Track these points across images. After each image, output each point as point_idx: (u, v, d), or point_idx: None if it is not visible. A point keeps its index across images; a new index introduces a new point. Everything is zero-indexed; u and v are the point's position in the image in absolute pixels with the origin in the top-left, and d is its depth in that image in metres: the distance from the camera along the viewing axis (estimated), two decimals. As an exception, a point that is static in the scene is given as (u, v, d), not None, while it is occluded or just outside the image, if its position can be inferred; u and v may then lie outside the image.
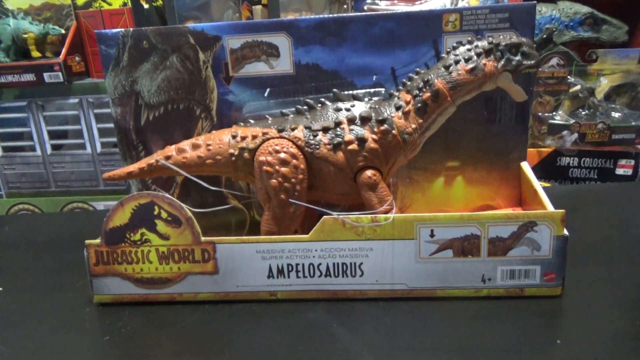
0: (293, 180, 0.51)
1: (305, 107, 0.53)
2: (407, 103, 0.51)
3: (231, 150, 0.53)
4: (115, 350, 0.46)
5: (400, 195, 0.63)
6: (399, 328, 0.47)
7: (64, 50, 1.32)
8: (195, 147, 0.54)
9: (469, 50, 0.51)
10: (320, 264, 0.50)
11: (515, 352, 0.43)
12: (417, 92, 0.51)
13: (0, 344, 0.48)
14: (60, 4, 1.39)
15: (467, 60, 0.50)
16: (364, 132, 0.50)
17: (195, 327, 0.49)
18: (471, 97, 0.52)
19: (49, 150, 1.38)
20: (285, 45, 0.58)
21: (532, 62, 0.50)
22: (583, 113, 1.29)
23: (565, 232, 0.48)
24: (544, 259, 0.48)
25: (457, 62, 0.51)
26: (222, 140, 0.53)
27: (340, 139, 0.51)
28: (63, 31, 1.35)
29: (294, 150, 0.51)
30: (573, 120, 1.26)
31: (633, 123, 1.16)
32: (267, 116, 0.54)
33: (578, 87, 1.19)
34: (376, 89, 0.58)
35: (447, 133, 0.60)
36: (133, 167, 0.55)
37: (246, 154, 0.52)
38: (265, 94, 0.59)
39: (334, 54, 0.58)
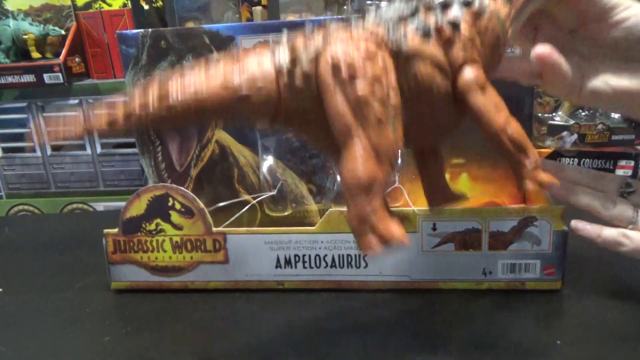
0: (386, 84, 0.33)
1: (356, 15, 0.37)
2: None
3: (280, 66, 0.33)
4: (116, 350, 0.46)
5: (406, 191, 0.63)
6: (398, 320, 0.47)
7: (64, 51, 1.32)
8: (212, 73, 0.33)
9: None
10: (326, 255, 0.51)
11: (516, 348, 0.43)
12: None
13: (0, 344, 0.48)
14: (60, 5, 1.39)
15: None
16: (454, 15, 0.36)
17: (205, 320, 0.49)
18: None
19: (48, 151, 1.38)
20: None
21: None
22: (583, 114, 1.29)
23: (566, 227, 0.48)
24: (544, 253, 0.49)
25: None
26: (260, 55, 0.34)
27: (429, 26, 0.36)
28: (63, 32, 1.36)
29: (376, 45, 0.34)
30: (573, 121, 1.26)
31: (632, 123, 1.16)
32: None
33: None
34: None
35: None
36: (98, 121, 0.33)
37: (306, 66, 0.33)
38: None
39: None
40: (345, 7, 1.29)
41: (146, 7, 1.31)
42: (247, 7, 1.34)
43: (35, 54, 1.34)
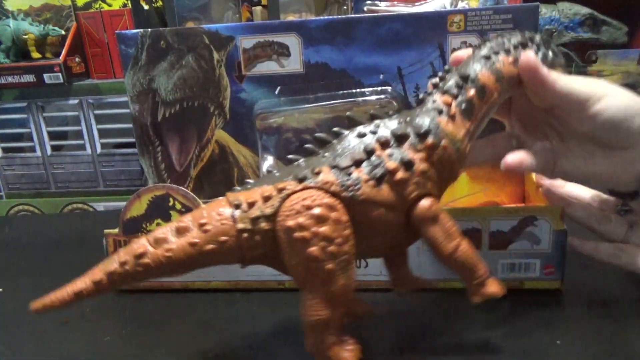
0: (338, 240, 0.36)
1: (314, 146, 0.40)
2: (448, 105, 0.41)
3: (240, 225, 0.37)
4: (116, 350, 0.46)
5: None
6: (397, 321, 0.47)
7: (64, 52, 1.32)
8: (182, 231, 0.37)
9: (504, 43, 0.43)
10: None
11: (516, 348, 0.43)
12: (457, 90, 0.42)
13: (0, 344, 0.48)
14: (60, 5, 1.40)
15: (507, 52, 0.43)
16: (407, 153, 0.39)
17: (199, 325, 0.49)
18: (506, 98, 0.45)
19: (49, 151, 1.38)
20: (295, 45, 0.59)
21: (562, 60, 0.46)
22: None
23: (565, 226, 0.48)
24: (544, 252, 0.49)
25: (496, 53, 0.43)
26: (221, 214, 0.38)
27: (382, 170, 0.38)
28: (63, 32, 1.36)
29: (329, 200, 0.37)
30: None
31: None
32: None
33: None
34: (383, 87, 0.59)
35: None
36: (83, 284, 0.38)
37: (263, 224, 0.37)
38: (276, 92, 0.60)
39: (342, 53, 0.59)
40: (345, 7, 1.29)
41: (146, 7, 1.31)
42: (247, 7, 1.34)
43: (35, 54, 1.34)
